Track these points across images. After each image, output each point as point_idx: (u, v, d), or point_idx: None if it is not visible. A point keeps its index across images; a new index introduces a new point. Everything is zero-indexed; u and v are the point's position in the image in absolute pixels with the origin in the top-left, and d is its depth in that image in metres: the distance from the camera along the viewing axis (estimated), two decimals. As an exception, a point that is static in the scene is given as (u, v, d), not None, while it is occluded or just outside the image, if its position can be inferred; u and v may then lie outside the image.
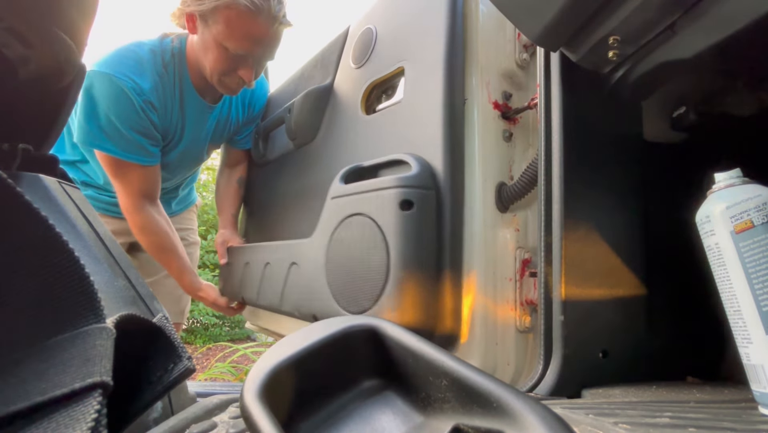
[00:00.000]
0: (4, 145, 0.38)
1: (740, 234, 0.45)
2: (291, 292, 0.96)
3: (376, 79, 0.90)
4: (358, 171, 0.85)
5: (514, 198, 0.74)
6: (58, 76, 0.36)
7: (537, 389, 0.60)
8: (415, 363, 0.28)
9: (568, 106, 0.64)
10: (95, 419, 0.21)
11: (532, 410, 0.22)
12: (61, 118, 0.42)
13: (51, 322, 0.26)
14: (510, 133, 0.78)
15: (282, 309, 1.00)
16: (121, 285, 0.35)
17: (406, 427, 0.27)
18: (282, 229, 1.15)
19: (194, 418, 0.39)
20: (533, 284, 0.74)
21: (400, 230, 0.69)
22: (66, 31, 0.32)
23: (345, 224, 0.80)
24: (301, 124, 1.07)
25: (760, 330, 0.43)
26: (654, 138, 0.72)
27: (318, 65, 1.14)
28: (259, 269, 1.11)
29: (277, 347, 0.29)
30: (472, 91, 0.75)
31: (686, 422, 0.39)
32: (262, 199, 1.33)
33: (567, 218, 0.62)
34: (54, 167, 0.42)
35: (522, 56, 0.79)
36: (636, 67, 0.60)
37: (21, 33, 0.32)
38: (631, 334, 0.66)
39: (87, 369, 0.23)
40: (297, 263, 0.94)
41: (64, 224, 0.35)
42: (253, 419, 0.24)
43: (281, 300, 0.99)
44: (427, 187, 0.71)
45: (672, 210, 0.68)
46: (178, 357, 0.32)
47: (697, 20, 0.49)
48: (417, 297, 0.67)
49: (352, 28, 1.03)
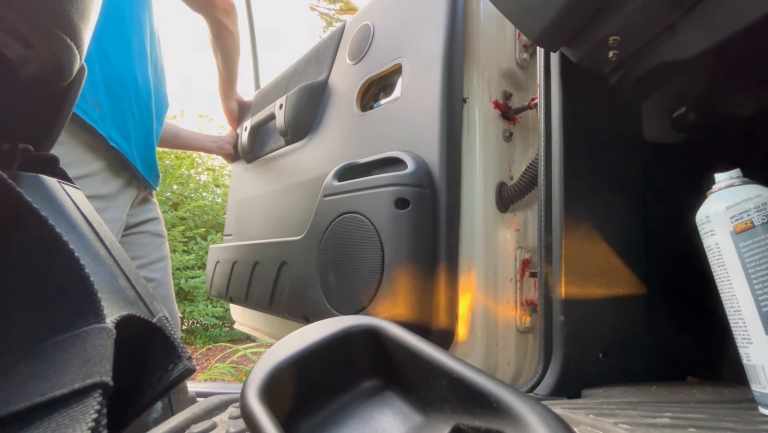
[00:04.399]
0: (4, 145, 0.38)
1: (740, 234, 0.45)
2: (281, 292, 0.94)
3: (372, 76, 0.89)
4: (352, 168, 0.83)
5: (514, 198, 0.74)
6: (58, 76, 0.36)
7: (537, 389, 0.60)
8: (415, 363, 0.28)
9: (568, 106, 0.64)
10: (95, 420, 0.21)
11: (532, 410, 0.22)
12: (61, 118, 0.42)
13: (51, 322, 0.26)
14: (510, 132, 0.78)
15: (272, 310, 0.99)
16: (122, 285, 0.35)
17: (406, 427, 0.27)
18: (271, 227, 1.13)
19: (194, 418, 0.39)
20: (533, 284, 0.74)
21: (395, 230, 0.68)
22: (66, 31, 0.32)
23: (338, 222, 0.79)
24: (294, 120, 1.05)
25: (760, 330, 0.43)
26: (654, 138, 0.72)
27: (312, 61, 1.12)
28: (247, 268, 1.08)
29: (277, 347, 0.29)
30: (472, 91, 0.75)
31: (686, 422, 0.39)
32: (250, 196, 1.29)
33: (567, 218, 0.62)
34: (54, 167, 0.42)
35: (522, 56, 0.79)
36: (636, 68, 0.60)
37: (21, 33, 0.32)
38: (631, 334, 0.66)
39: (87, 369, 0.23)
40: (287, 263, 0.93)
41: (64, 224, 0.34)
42: (254, 419, 0.23)
43: (271, 301, 0.97)
44: (423, 185, 0.70)
45: (672, 210, 0.68)
46: (178, 357, 0.32)
47: (697, 20, 0.49)
48: (412, 297, 0.67)
49: (348, 24, 1.02)
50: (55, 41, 0.32)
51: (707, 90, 0.69)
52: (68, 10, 0.32)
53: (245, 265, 1.10)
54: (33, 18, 0.30)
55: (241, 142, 1.29)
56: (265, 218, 1.17)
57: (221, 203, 4.17)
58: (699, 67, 0.57)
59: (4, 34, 0.31)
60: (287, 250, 0.93)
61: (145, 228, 1.15)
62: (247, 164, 1.33)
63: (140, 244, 1.14)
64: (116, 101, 1.00)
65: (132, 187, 1.06)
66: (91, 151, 0.95)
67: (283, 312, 0.94)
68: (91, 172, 0.95)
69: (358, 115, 0.90)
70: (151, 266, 1.15)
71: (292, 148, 1.11)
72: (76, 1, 0.32)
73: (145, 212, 1.16)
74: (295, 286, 0.89)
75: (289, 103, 1.05)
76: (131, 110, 1.04)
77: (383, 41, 0.89)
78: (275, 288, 0.96)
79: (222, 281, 1.22)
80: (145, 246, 1.14)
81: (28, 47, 0.33)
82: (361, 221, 0.73)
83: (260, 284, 1.03)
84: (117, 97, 1.00)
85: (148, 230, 1.16)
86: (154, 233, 1.18)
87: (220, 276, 1.24)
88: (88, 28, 0.35)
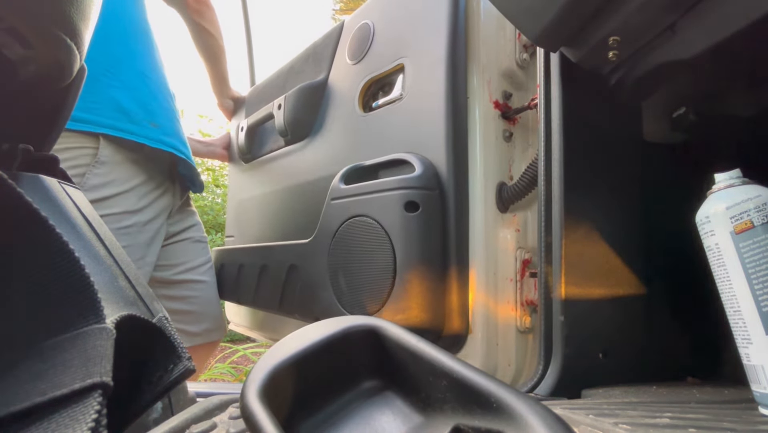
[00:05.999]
0: (4, 145, 0.38)
1: (740, 234, 0.45)
2: (291, 295, 0.94)
3: (374, 76, 0.89)
4: (358, 171, 0.83)
5: (514, 198, 0.74)
6: (58, 76, 0.36)
7: (537, 390, 0.60)
8: (415, 363, 0.28)
9: (568, 107, 0.64)
10: (95, 420, 0.21)
11: (532, 410, 0.22)
12: (61, 118, 0.42)
13: (51, 322, 0.26)
14: (510, 132, 0.78)
15: (282, 312, 0.99)
16: (122, 285, 0.35)
17: (406, 427, 0.27)
18: (276, 229, 1.13)
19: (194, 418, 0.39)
20: (533, 285, 0.74)
21: (406, 233, 0.69)
22: (66, 31, 0.32)
23: (347, 225, 0.79)
24: (294, 120, 1.04)
25: (760, 330, 0.43)
26: (654, 138, 0.72)
27: (309, 60, 1.11)
28: (254, 271, 1.08)
29: (277, 347, 0.29)
30: (473, 90, 0.75)
31: (686, 422, 0.39)
32: (251, 197, 1.29)
33: (567, 218, 0.62)
34: (54, 167, 0.42)
35: (522, 56, 0.79)
36: (636, 68, 0.60)
37: (21, 33, 0.32)
38: (631, 334, 0.66)
39: (87, 370, 0.23)
40: (297, 266, 0.93)
41: (64, 225, 0.34)
42: (254, 419, 0.23)
43: (281, 303, 0.98)
44: (432, 188, 0.70)
45: (672, 210, 0.68)
46: (178, 357, 0.32)
47: (697, 20, 0.49)
48: (424, 299, 0.67)
49: (347, 23, 1.01)
50: (55, 41, 0.32)
51: (707, 90, 0.69)
52: (68, 10, 0.32)
53: (252, 268, 1.10)
54: (33, 18, 0.30)
55: (238, 142, 1.28)
56: (269, 220, 1.17)
57: (221, 203, 4.17)
58: (699, 67, 0.57)
59: (4, 34, 0.31)
60: (296, 253, 0.93)
61: (187, 235, 1.18)
62: (245, 164, 1.32)
63: (184, 251, 1.16)
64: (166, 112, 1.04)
65: (168, 195, 1.08)
66: (135, 164, 0.98)
67: (294, 314, 0.94)
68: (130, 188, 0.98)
69: (361, 116, 0.90)
70: (198, 269, 1.18)
71: (292, 148, 1.10)
72: (76, 1, 0.32)
73: (185, 220, 1.18)
74: (305, 289, 0.89)
75: (289, 103, 1.04)
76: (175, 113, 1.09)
77: (384, 41, 0.88)
78: (285, 291, 0.96)
79: (230, 284, 1.22)
80: (189, 252, 1.17)
81: (28, 47, 0.33)
82: (371, 224, 0.73)
83: (269, 286, 1.03)
84: (165, 108, 1.04)
85: (190, 236, 1.19)
86: (197, 239, 1.21)
87: (227, 279, 1.24)
88: (88, 28, 0.35)
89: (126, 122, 0.95)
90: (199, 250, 1.20)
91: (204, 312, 1.17)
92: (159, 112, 1.02)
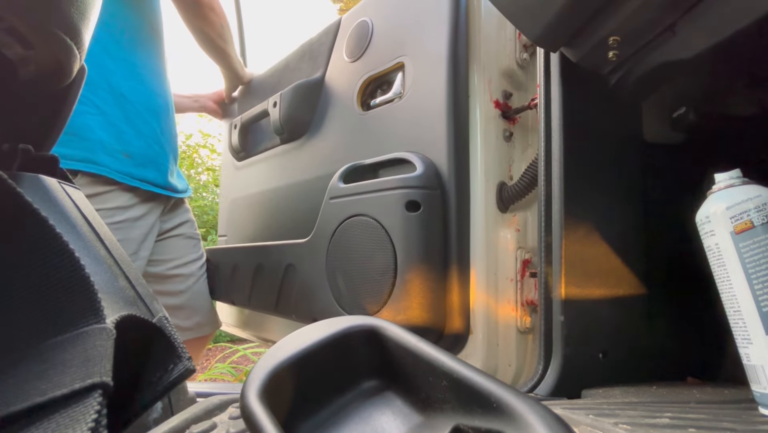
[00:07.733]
0: (4, 145, 0.38)
1: (740, 234, 0.45)
2: (288, 295, 0.94)
3: (373, 74, 0.88)
4: (358, 170, 0.83)
5: (514, 198, 0.74)
6: (58, 76, 0.36)
7: (537, 390, 0.60)
8: (415, 363, 0.28)
9: (568, 107, 0.64)
10: (95, 420, 0.21)
11: (532, 410, 0.22)
12: (61, 118, 0.42)
13: (51, 322, 0.26)
14: (510, 132, 0.78)
15: (278, 313, 0.98)
16: (122, 285, 0.35)
17: (406, 427, 0.27)
18: (271, 228, 1.11)
19: (194, 418, 0.39)
20: (533, 285, 0.74)
21: (406, 232, 0.68)
22: (66, 31, 0.32)
23: (347, 225, 0.78)
24: (291, 119, 1.03)
25: (760, 330, 0.43)
26: (654, 138, 0.72)
27: (306, 57, 1.09)
28: (249, 271, 1.07)
29: (277, 347, 0.29)
30: (474, 90, 0.75)
31: (686, 422, 0.39)
32: (244, 196, 1.27)
33: (567, 218, 0.62)
34: (54, 167, 0.42)
35: (522, 56, 0.79)
36: (636, 68, 0.60)
37: (21, 33, 0.32)
38: (631, 334, 0.66)
39: (87, 370, 0.23)
40: (294, 265, 0.92)
41: (64, 225, 0.34)
42: (254, 419, 0.23)
43: (277, 304, 0.97)
44: (433, 187, 0.70)
45: (672, 210, 0.68)
46: (178, 357, 0.32)
47: (697, 20, 0.49)
48: (426, 299, 0.67)
49: (344, 20, 1.00)
50: (55, 41, 0.32)
51: (707, 90, 0.69)
52: (68, 10, 0.32)
53: (247, 268, 1.09)
54: (33, 18, 0.30)
55: (231, 139, 1.27)
56: (263, 219, 1.16)
57: (221, 203, 4.16)
58: (699, 67, 0.57)
59: (4, 34, 0.31)
60: (293, 252, 0.92)
61: (180, 231, 1.18)
62: (239, 162, 1.30)
63: (176, 247, 1.16)
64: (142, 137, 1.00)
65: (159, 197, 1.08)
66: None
67: (291, 315, 0.94)
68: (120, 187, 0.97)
69: (359, 114, 0.89)
70: (189, 265, 1.18)
71: (288, 147, 1.09)
72: (76, 1, 0.32)
73: (177, 216, 1.18)
74: (303, 289, 0.89)
75: (285, 101, 1.03)
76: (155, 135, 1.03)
77: (383, 38, 0.88)
78: (281, 291, 0.96)
79: (223, 284, 1.21)
80: (181, 248, 1.17)
81: (28, 47, 0.33)
82: (371, 223, 0.73)
83: (265, 287, 1.02)
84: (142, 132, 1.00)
85: (182, 232, 1.19)
86: (189, 235, 1.21)
87: (220, 280, 1.23)
88: (88, 28, 0.35)
89: (101, 154, 0.92)
90: (191, 246, 1.20)
91: (196, 306, 1.18)
92: (132, 140, 0.97)
